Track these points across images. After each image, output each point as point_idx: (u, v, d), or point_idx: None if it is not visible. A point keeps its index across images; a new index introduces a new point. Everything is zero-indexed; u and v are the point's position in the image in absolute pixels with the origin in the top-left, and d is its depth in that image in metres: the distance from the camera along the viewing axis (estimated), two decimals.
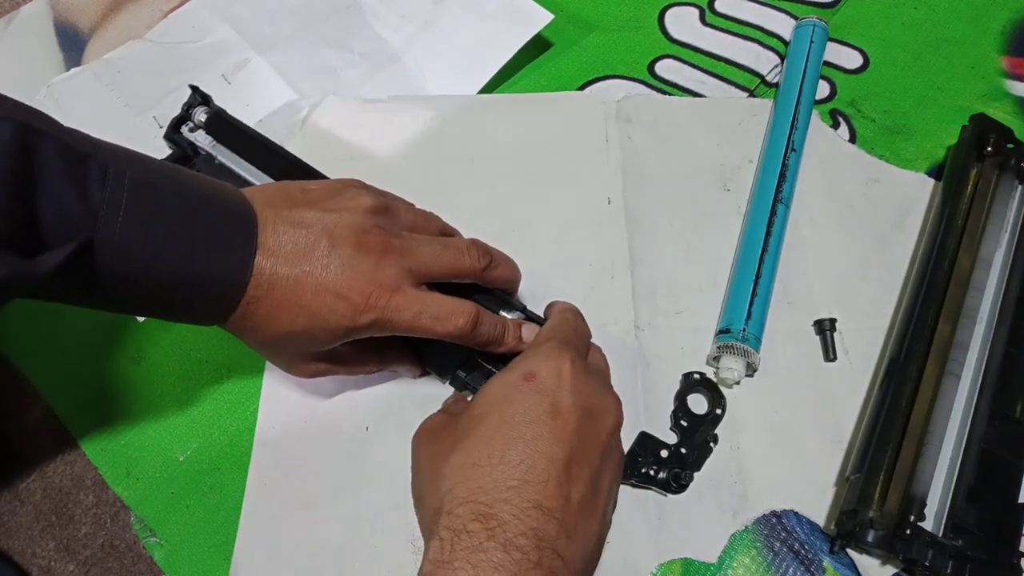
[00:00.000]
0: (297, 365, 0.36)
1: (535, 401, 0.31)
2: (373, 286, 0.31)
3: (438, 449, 0.32)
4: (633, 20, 0.54)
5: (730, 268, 0.44)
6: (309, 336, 0.32)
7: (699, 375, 0.40)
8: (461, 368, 0.38)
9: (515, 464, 0.29)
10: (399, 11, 0.52)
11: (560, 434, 0.30)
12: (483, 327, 0.34)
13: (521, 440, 0.30)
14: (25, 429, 0.42)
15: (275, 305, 0.31)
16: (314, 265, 0.31)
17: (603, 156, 0.47)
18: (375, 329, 0.32)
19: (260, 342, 0.33)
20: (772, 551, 0.37)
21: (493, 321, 0.35)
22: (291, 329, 0.32)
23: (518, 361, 0.33)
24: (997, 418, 0.38)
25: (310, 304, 0.31)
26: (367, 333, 0.33)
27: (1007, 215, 0.44)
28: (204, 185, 0.31)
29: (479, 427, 0.31)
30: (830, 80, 0.51)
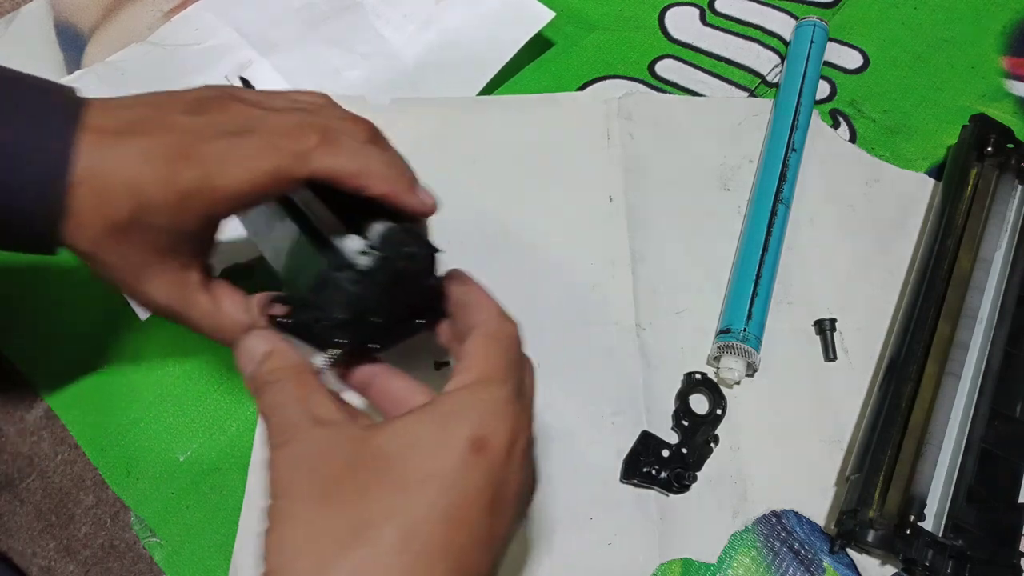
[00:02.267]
0: (142, 283, 0.29)
1: (481, 484, 0.23)
2: (201, 139, 0.27)
3: (329, 509, 0.22)
4: (633, 20, 0.54)
5: (730, 268, 0.44)
6: (137, 225, 0.27)
7: (700, 375, 0.40)
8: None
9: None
10: (401, 10, 0.52)
11: (494, 539, 0.23)
12: (341, 141, 0.28)
13: (455, 547, 0.22)
14: (25, 429, 0.42)
15: (102, 190, 0.26)
16: (141, 136, 0.27)
17: (604, 154, 0.47)
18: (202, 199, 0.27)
19: (95, 246, 0.28)
20: (772, 551, 0.37)
21: (360, 143, 0.29)
22: (118, 218, 0.27)
23: (457, 406, 0.24)
24: (997, 418, 0.38)
25: (134, 178, 0.26)
26: (197, 209, 0.27)
27: (1007, 215, 0.44)
28: (8, 70, 0.28)
29: (407, 505, 0.22)
30: (830, 80, 0.51)
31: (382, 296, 0.28)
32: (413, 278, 0.29)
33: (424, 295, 0.29)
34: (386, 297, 0.28)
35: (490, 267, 0.43)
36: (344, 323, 0.28)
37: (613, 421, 0.39)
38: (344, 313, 0.28)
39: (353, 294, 0.28)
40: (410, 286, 0.29)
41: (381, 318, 0.29)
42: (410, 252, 0.28)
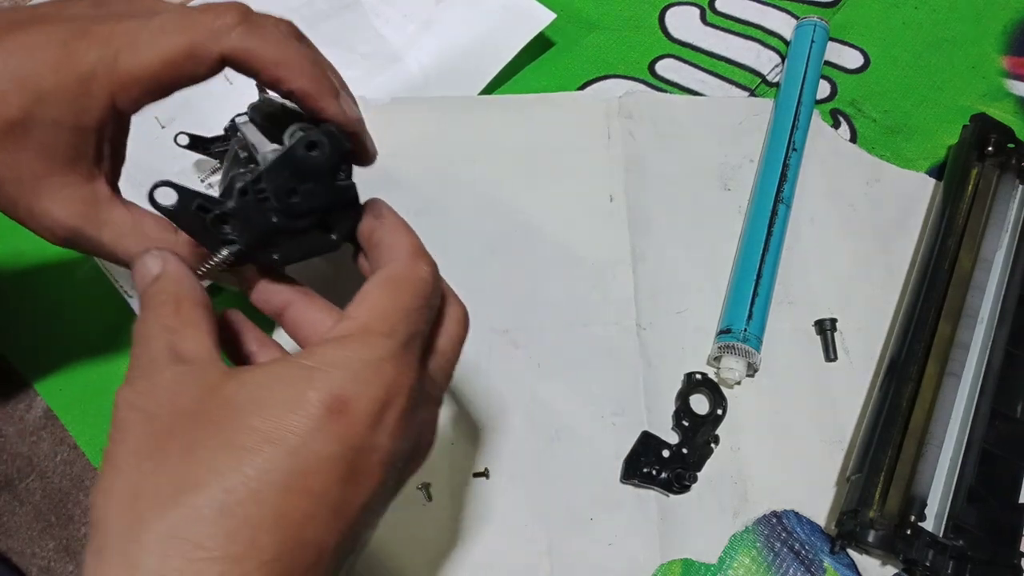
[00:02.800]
0: (40, 200, 0.25)
1: (334, 452, 0.20)
2: (96, 23, 0.24)
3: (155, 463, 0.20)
4: (633, 20, 0.54)
5: (731, 268, 0.44)
6: (31, 122, 0.24)
7: (701, 375, 0.40)
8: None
9: (268, 549, 0.19)
10: (401, 10, 0.52)
11: (348, 509, 0.21)
12: (265, 28, 0.25)
13: (292, 516, 0.20)
14: (24, 429, 0.41)
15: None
16: (24, 25, 0.24)
17: (605, 154, 0.47)
18: (106, 80, 0.24)
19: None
20: (772, 551, 0.37)
21: (285, 34, 0.26)
22: (6, 115, 0.24)
23: (321, 361, 0.21)
24: (998, 418, 0.38)
25: (19, 69, 0.23)
26: (100, 95, 0.24)
27: (1008, 215, 0.44)
28: None
29: (239, 466, 0.20)
30: (831, 80, 0.51)
31: (278, 186, 0.25)
32: (317, 173, 0.25)
33: (334, 202, 0.26)
34: (283, 189, 0.25)
35: (490, 267, 0.43)
36: (233, 213, 0.25)
37: (613, 421, 0.39)
38: (232, 202, 0.25)
39: (248, 183, 0.25)
40: (315, 183, 0.25)
41: (277, 215, 0.25)
42: (312, 140, 0.25)
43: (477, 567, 0.36)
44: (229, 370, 0.22)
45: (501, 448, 0.39)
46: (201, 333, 0.23)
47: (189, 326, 0.23)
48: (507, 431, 0.39)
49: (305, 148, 0.25)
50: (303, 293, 0.27)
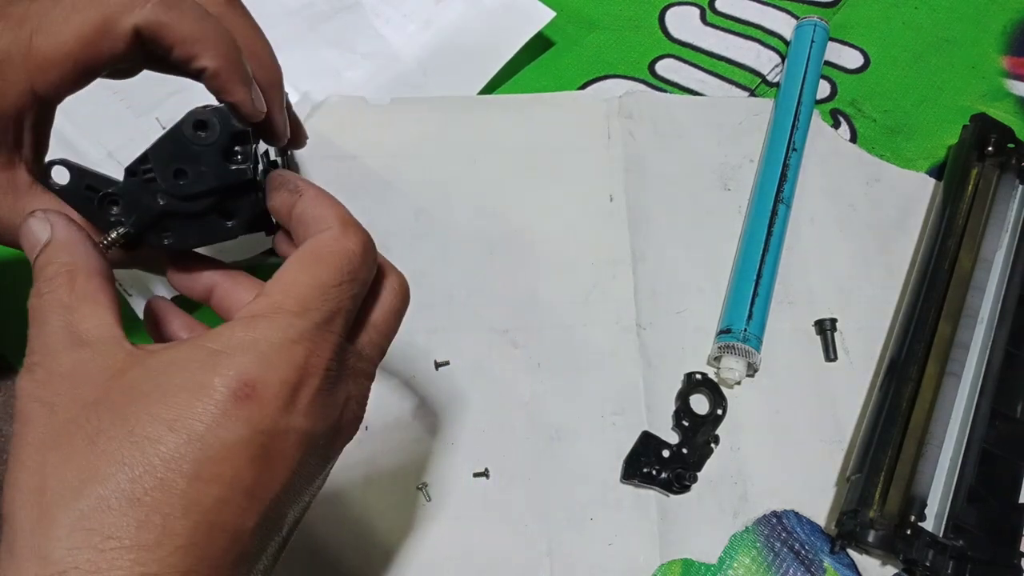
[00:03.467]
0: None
1: (243, 436, 0.20)
2: (8, 5, 0.24)
3: (60, 455, 0.20)
4: (633, 20, 0.54)
5: (731, 268, 0.44)
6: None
7: (701, 375, 0.40)
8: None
9: (182, 535, 0.19)
10: (401, 10, 0.52)
11: (264, 492, 0.21)
12: (182, 4, 0.24)
13: (203, 503, 0.19)
14: None
15: None
16: None
17: (605, 153, 0.47)
18: (20, 64, 0.23)
19: None
20: (772, 551, 0.37)
21: (204, 12, 0.25)
22: None
23: (227, 344, 0.21)
24: (998, 418, 0.38)
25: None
26: (15, 79, 0.23)
27: (1008, 215, 0.44)
28: None
29: (145, 455, 0.19)
30: (831, 80, 0.51)
31: (164, 165, 0.24)
32: (207, 154, 0.24)
33: (226, 186, 0.25)
34: (169, 169, 0.24)
35: (490, 266, 0.43)
36: (121, 194, 0.24)
37: (613, 421, 0.39)
38: (122, 184, 0.24)
39: (134, 163, 0.24)
40: (206, 165, 0.24)
41: (165, 197, 0.25)
42: (200, 119, 0.24)
43: (477, 567, 0.36)
44: (133, 351, 0.21)
45: (501, 448, 0.39)
46: (101, 309, 0.22)
47: (86, 302, 0.22)
48: (507, 431, 0.39)
49: (192, 127, 0.24)
50: (228, 275, 0.26)
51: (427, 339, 0.42)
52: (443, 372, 0.41)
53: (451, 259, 0.44)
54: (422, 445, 0.39)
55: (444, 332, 0.42)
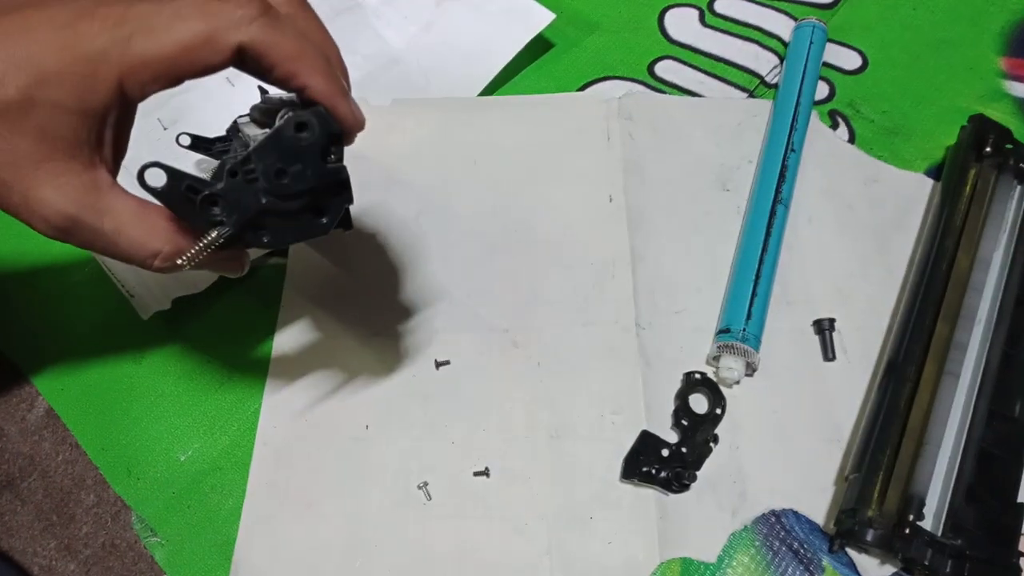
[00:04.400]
0: (36, 187, 0.24)
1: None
2: (103, 4, 0.24)
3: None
4: (633, 21, 0.54)
5: (729, 268, 0.44)
6: (29, 104, 0.23)
7: (700, 375, 0.40)
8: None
9: None
10: (401, 11, 0.53)
11: None
12: (283, 23, 0.25)
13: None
14: (26, 428, 0.42)
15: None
16: (22, 7, 0.23)
17: (605, 154, 0.47)
18: (115, 63, 0.23)
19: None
20: (771, 550, 0.37)
21: (302, 32, 0.26)
22: (4, 96, 0.23)
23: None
24: (996, 418, 0.38)
25: (18, 50, 0.23)
26: (108, 78, 0.24)
27: (1006, 215, 0.44)
28: None
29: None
30: (829, 81, 0.51)
31: (267, 166, 0.25)
32: (307, 154, 0.25)
33: (324, 184, 0.26)
34: (272, 169, 0.25)
35: (491, 266, 0.44)
36: (222, 194, 0.25)
37: (613, 420, 0.39)
38: (224, 184, 0.25)
39: (237, 164, 0.25)
40: (305, 164, 0.25)
41: (266, 195, 0.25)
42: (301, 120, 0.25)
43: (477, 565, 0.36)
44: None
45: (501, 447, 0.39)
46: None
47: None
48: (507, 430, 0.39)
49: (294, 128, 0.24)
50: None
51: (428, 338, 0.42)
52: (443, 371, 0.41)
53: (451, 259, 0.44)
54: (422, 444, 0.39)
55: (444, 332, 0.42)
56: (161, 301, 0.42)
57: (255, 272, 0.45)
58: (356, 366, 0.41)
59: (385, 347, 0.41)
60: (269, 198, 0.25)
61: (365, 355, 0.41)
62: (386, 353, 0.41)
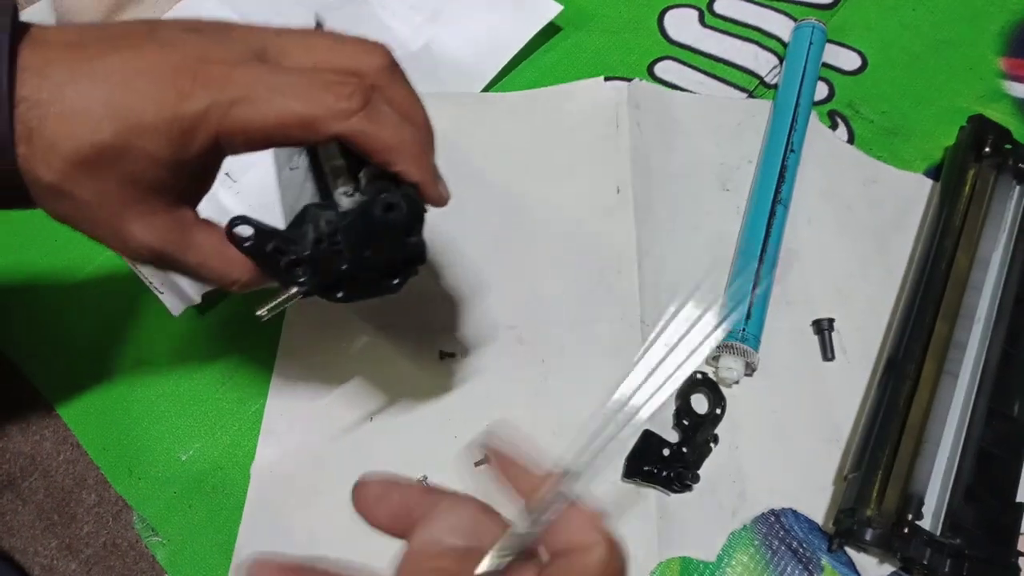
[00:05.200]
0: (126, 223, 0.25)
1: None
2: (208, 59, 0.24)
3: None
4: (632, 21, 0.54)
5: (729, 268, 0.44)
6: (126, 150, 0.23)
7: (701, 375, 0.40)
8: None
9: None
10: (407, 1, 0.52)
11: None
12: (382, 111, 0.25)
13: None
14: (27, 428, 0.42)
15: (70, 107, 0.23)
16: (122, 48, 0.24)
17: (613, 143, 0.47)
18: (215, 120, 0.24)
19: (64, 177, 0.24)
20: (771, 549, 0.37)
21: (399, 118, 0.26)
22: (97, 140, 0.23)
23: None
24: (995, 417, 0.38)
25: (118, 96, 0.23)
26: (203, 138, 0.24)
27: (1005, 215, 0.44)
28: None
29: None
30: (828, 81, 0.51)
31: (353, 241, 0.26)
32: (391, 232, 0.26)
33: (403, 255, 0.28)
34: (357, 243, 0.26)
35: (498, 262, 0.44)
36: (307, 260, 0.26)
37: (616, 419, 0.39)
38: (306, 249, 0.26)
39: (322, 232, 0.26)
40: (388, 240, 0.27)
41: (348, 264, 0.27)
42: (390, 202, 0.26)
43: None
44: None
45: None
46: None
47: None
48: (510, 426, 0.39)
49: (383, 209, 0.26)
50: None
51: (433, 334, 0.42)
52: (448, 367, 0.41)
53: (459, 254, 0.44)
54: (424, 437, 0.39)
55: (450, 327, 0.42)
56: (190, 296, 0.42)
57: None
58: (361, 360, 0.41)
59: (390, 341, 0.42)
60: (350, 266, 0.27)
61: (371, 349, 0.41)
62: (391, 347, 0.41)
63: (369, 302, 0.29)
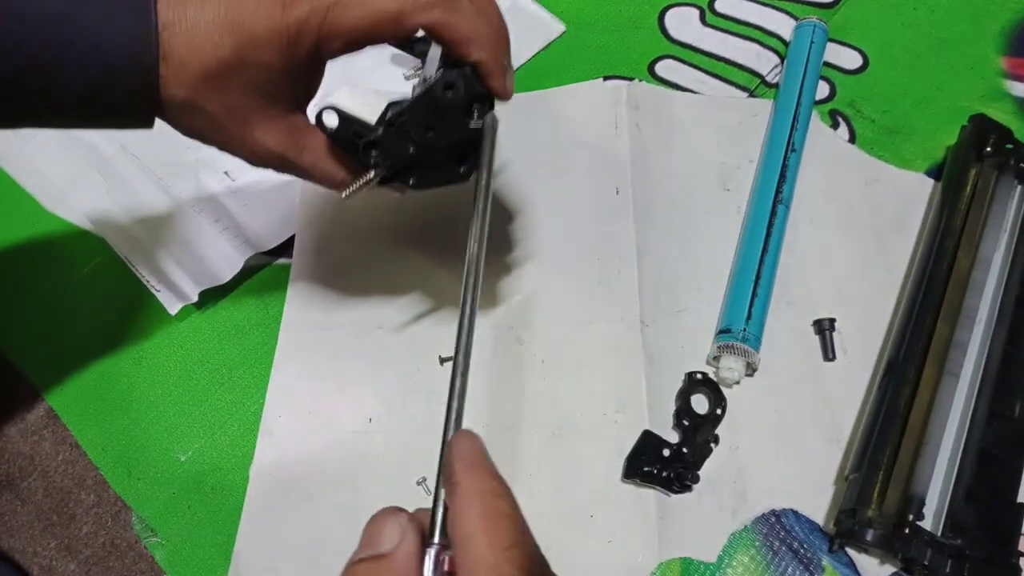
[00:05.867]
0: (252, 131, 0.29)
1: None
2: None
3: None
4: (633, 20, 0.54)
5: (730, 268, 0.44)
6: (243, 64, 0.27)
7: (701, 375, 0.40)
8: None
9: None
10: None
11: None
12: (460, 3, 0.28)
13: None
14: (26, 428, 0.42)
15: (193, 27, 0.26)
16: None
17: (613, 144, 0.47)
18: (316, 22, 0.27)
19: (193, 92, 0.27)
20: (771, 550, 0.37)
21: (476, 10, 0.29)
22: (219, 55, 0.26)
23: None
24: (996, 418, 0.38)
25: (231, 11, 0.26)
26: (308, 42, 0.27)
27: (1006, 215, 0.44)
28: None
29: None
30: (830, 80, 0.51)
31: (418, 121, 0.29)
32: (452, 111, 0.29)
33: (465, 140, 0.30)
34: (423, 124, 0.29)
35: (498, 260, 0.44)
36: (379, 141, 0.30)
37: (616, 419, 0.39)
38: (382, 133, 0.29)
39: (393, 116, 0.29)
40: (449, 120, 0.30)
41: (415, 146, 0.30)
42: (449, 81, 0.29)
43: None
44: None
45: (503, 444, 0.39)
46: None
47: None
48: (509, 427, 0.39)
49: (443, 88, 0.28)
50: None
51: (431, 334, 0.42)
52: (447, 367, 0.41)
53: (458, 256, 0.44)
54: (423, 439, 0.39)
55: (449, 327, 0.42)
56: (187, 295, 0.42)
57: (255, 272, 0.45)
58: (360, 360, 0.41)
59: (389, 342, 0.42)
60: (416, 148, 0.30)
61: (369, 349, 0.41)
62: (390, 348, 0.41)
63: (369, 301, 0.30)
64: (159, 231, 0.45)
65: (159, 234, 0.45)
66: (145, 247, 0.45)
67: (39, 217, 0.47)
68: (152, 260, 0.44)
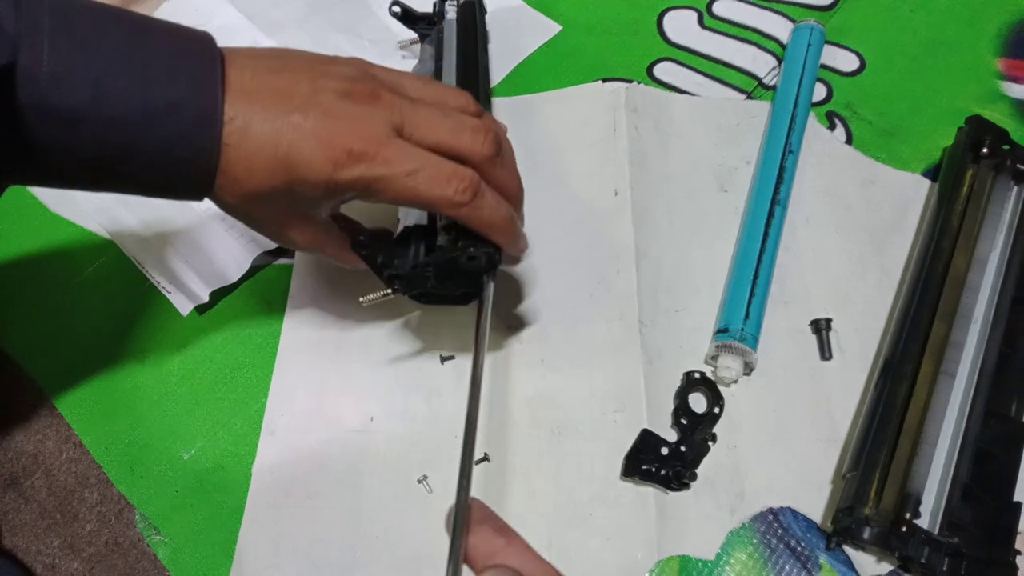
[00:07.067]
0: (286, 231, 0.33)
1: None
2: (358, 136, 0.29)
3: None
4: (632, 23, 0.54)
5: (728, 268, 0.44)
6: (290, 193, 0.30)
7: (699, 374, 0.41)
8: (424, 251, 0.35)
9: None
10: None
11: None
12: (485, 200, 0.31)
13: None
14: (29, 427, 0.42)
15: (252, 155, 0.29)
16: (292, 111, 0.29)
17: (611, 146, 0.47)
18: (360, 186, 0.30)
19: (242, 201, 0.30)
20: (769, 548, 0.37)
21: (497, 200, 0.32)
22: (271, 184, 0.29)
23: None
24: (992, 417, 0.38)
25: (288, 155, 0.29)
26: (352, 192, 0.31)
27: (1002, 216, 0.44)
28: (148, 17, 0.29)
29: None
30: (827, 83, 0.51)
31: (438, 274, 0.34)
32: (470, 274, 0.34)
33: (475, 288, 0.35)
34: (441, 276, 0.35)
35: None
36: (403, 276, 0.35)
37: (615, 418, 0.39)
38: (403, 270, 0.35)
39: (419, 262, 0.34)
40: (467, 278, 0.34)
41: (432, 286, 0.35)
42: (473, 255, 0.33)
43: None
44: None
45: (503, 443, 0.39)
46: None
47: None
48: (509, 426, 0.39)
49: (467, 259, 0.33)
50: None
51: (432, 334, 0.42)
52: (447, 366, 0.41)
53: None
54: (424, 438, 0.39)
55: (449, 327, 0.42)
56: (198, 295, 0.42)
57: (258, 272, 0.45)
58: (362, 359, 0.41)
59: (391, 341, 0.42)
60: (434, 286, 0.35)
61: (371, 349, 0.42)
62: (392, 347, 0.42)
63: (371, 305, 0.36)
64: (167, 231, 0.45)
65: (167, 234, 0.45)
66: (154, 248, 0.45)
67: (44, 219, 0.47)
68: (162, 261, 0.44)
